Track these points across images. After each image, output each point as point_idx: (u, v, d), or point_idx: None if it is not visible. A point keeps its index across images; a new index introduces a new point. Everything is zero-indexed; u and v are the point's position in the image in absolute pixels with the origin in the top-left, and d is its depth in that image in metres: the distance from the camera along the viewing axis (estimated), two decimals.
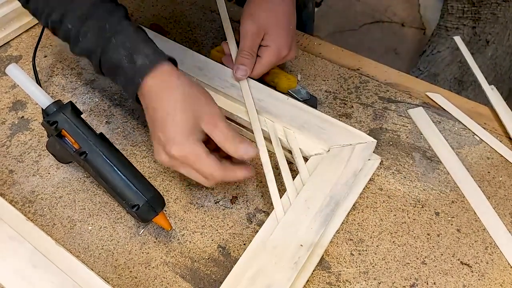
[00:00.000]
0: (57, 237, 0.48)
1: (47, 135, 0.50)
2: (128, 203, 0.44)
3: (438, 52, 1.47)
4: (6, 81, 0.63)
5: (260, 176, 0.53)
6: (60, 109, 0.45)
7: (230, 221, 0.50)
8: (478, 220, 0.50)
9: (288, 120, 0.54)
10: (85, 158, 0.45)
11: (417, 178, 0.54)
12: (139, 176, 0.46)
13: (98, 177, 0.45)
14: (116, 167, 0.45)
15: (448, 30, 1.49)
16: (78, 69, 0.65)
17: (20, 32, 0.69)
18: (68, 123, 0.45)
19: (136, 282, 0.45)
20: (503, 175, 0.54)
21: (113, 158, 0.45)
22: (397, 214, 0.50)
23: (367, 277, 0.46)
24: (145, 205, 0.44)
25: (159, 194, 0.46)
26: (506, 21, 1.39)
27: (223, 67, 0.60)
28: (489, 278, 0.46)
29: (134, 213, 0.44)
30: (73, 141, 0.46)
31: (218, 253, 0.47)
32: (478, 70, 0.64)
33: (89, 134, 0.45)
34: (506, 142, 0.57)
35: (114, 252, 0.47)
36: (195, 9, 0.75)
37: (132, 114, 0.59)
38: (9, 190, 0.52)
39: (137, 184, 0.45)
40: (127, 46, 0.45)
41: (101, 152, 0.45)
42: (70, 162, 0.53)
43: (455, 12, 1.48)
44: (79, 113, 0.47)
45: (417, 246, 0.48)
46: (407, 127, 0.59)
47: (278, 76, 0.61)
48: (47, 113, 0.46)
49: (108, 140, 0.47)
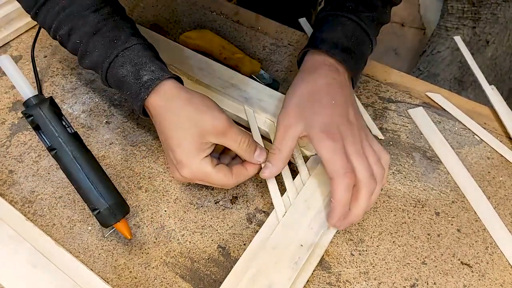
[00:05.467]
0: (57, 237, 0.48)
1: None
2: (90, 206, 0.45)
3: (438, 52, 1.47)
4: (6, 81, 0.63)
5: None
6: (38, 104, 0.46)
7: (230, 221, 0.50)
8: (478, 220, 0.50)
9: None
10: (54, 155, 0.45)
11: (417, 178, 0.54)
12: (105, 181, 0.46)
13: (67, 176, 0.46)
14: (83, 168, 0.45)
15: (448, 30, 1.49)
16: (78, 69, 0.65)
17: (20, 32, 0.69)
18: (42, 118, 0.45)
19: (136, 282, 0.45)
20: (503, 175, 0.54)
21: (81, 159, 0.45)
22: (397, 214, 0.50)
23: (367, 277, 0.46)
24: (106, 210, 0.44)
25: (123, 201, 0.47)
26: (506, 21, 1.39)
27: (224, 67, 0.60)
28: (490, 278, 0.46)
29: (95, 216, 0.45)
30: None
31: (218, 253, 0.47)
32: (478, 70, 0.64)
33: (61, 131, 0.45)
34: (506, 142, 0.57)
35: (114, 252, 0.47)
36: (195, 9, 0.75)
37: (132, 114, 0.59)
38: (9, 190, 0.52)
39: (101, 188, 0.45)
40: (134, 63, 0.45)
41: (69, 152, 0.45)
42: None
43: (455, 12, 1.48)
44: (57, 109, 0.47)
45: (417, 246, 0.48)
46: (407, 127, 0.59)
47: (242, 60, 0.63)
48: (27, 106, 0.46)
49: (81, 140, 0.47)
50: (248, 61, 0.63)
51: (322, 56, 0.50)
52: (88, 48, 0.47)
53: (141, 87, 0.44)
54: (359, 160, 0.43)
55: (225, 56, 0.64)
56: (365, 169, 0.43)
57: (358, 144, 0.44)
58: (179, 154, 0.44)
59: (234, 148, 0.46)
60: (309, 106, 0.46)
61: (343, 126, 0.45)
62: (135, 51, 0.46)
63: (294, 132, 0.46)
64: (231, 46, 0.66)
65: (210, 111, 0.44)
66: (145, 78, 0.45)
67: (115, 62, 0.46)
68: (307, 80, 0.49)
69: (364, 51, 0.53)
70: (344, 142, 0.44)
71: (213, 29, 0.71)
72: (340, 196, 0.42)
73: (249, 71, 0.62)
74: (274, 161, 0.47)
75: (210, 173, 0.44)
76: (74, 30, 0.47)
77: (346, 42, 0.50)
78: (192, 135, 0.43)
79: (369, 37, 0.52)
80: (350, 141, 0.44)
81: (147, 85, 0.44)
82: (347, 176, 0.42)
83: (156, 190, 0.52)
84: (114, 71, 0.46)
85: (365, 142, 0.45)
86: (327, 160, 0.43)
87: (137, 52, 0.46)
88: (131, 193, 0.52)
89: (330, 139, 0.43)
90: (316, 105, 0.46)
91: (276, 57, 0.67)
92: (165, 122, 0.44)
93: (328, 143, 0.43)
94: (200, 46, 0.66)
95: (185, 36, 0.67)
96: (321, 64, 0.49)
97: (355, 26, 0.51)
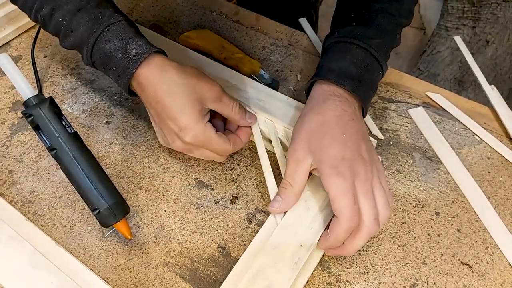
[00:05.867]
0: (57, 237, 0.48)
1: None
2: (90, 206, 0.45)
3: (438, 52, 1.47)
4: (6, 81, 0.63)
5: (260, 176, 0.53)
6: (38, 104, 0.46)
7: (230, 221, 0.50)
8: (478, 220, 0.50)
9: (288, 120, 0.54)
10: (54, 155, 0.45)
11: (417, 178, 0.54)
12: (105, 181, 0.46)
13: (67, 176, 0.46)
14: (83, 168, 0.45)
15: (448, 30, 1.49)
16: (78, 69, 0.65)
17: (20, 32, 0.69)
18: (42, 118, 0.45)
19: (136, 282, 0.45)
20: (503, 175, 0.54)
21: (82, 159, 0.45)
22: (397, 214, 0.50)
23: (367, 277, 0.46)
24: (106, 210, 0.44)
25: (123, 201, 0.47)
26: (506, 21, 1.39)
27: (224, 67, 0.60)
28: (490, 278, 0.46)
29: (95, 216, 0.45)
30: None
31: (218, 253, 0.47)
32: (478, 70, 0.64)
33: (62, 131, 0.45)
34: (506, 142, 0.57)
35: (114, 252, 0.47)
36: (195, 9, 0.75)
37: (132, 114, 0.59)
38: (9, 190, 0.52)
39: (101, 188, 0.45)
40: (120, 37, 0.46)
41: (70, 152, 0.45)
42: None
43: (455, 12, 1.48)
44: (57, 109, 0.47)
45: (417, 246, 0.48)
46: (407, 127, 0.59)
47: (242, 60, 0.63)
48: (27, 105, 0.46)
49: (81, 140, 0.47)
50: (248, 61, 0.63)
51: (330, 86, 0.48)
52: (72, 25, 0.47)
53: (129, 61, 0.45)
54: (366, 202, 0.41)
55: (225, 56, 0.64)
56: (371, 212, 0.41)
57: (368, 182, 0.42)
58: (184, 120, 0.44)
59: (227, 112, 0.49)
60: (318, 139, 0.44)
61: (355, 162, 0.42)
62: (121, 26, 0.46)
63: (305, 166, 0.44)
64: (231, 46, 0.66)
65: (205, 78, 0.47)
66: (133, 52, 0.45)
67: (101, 37, 0.46)
68: (316, 111, 0.46)
69: (374, 78, 0.51)
70: (354, 180, 0.42)
71: (213, 29, 0.71)
72: (338, 235, 0.41)
73: (249, 71, 0.62)
74: (284, 195, 0.45)
75: (214, 138, 0.46)
76: (57, 8, 0.47)
77: (355, 70, 0.48)
78: (193, 101, 0.45)
79: (379, 63, 0.51)
80: (361, 179, 0.42)
81: (135, 58, 0.45)
82: (352, 220, 0.40)
83: (156, 190, 0.52)
84: (100, 46, 0.46)
85: (376, 180, 0.43)
86: (334, 199, 0.41)
87: (123, 28, 0.46)
88: (131, 193, 0.52)
89: (340, 177, 0.41)
90: (326, 138, 0.44)
91: (276, 57, 0.67)
92: (162, 91, 0.45)
93: (337, 180, 0.41)
94: (200, 46, 0.66)
95: (185, 36, 0.67)
96: (331, 95, 0.47)
97: (364, 53, 0.49)
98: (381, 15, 0.52)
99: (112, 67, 0.46)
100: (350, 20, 0.53)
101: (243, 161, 0.55)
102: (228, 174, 0.53)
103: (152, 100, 0.46)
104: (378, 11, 0.52)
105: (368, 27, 0.51)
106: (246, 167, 0.54)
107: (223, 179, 0.53)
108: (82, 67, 0.65)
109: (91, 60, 0.48)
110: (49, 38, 0.69)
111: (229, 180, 0.53)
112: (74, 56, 0.66)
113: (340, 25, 0.54)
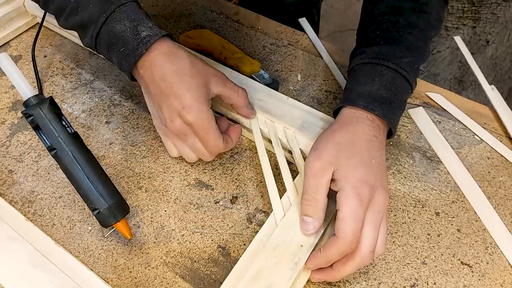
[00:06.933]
0: (57, 237, 0.48)
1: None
2: (90, 206, 0.45)
3: (438, 52, 1.47)
4: (6, 81, 0.63)
5: (260, 176, 0.53)
6: (38, 104, 0.46)
7: (230, 221, 0.50)
8: (478, 220, 0.50)
9: (288, 120, 0.54)
10: (54, 155, 0.45)
11: (417, 178, 0.54)
12: (105, 181, 0.46)
13: (67, 176, 0.46)
14: (83, 168, 0.45)
15: (448, 30, 1.49)
16: (78, 69, 0.65)
17: (20, 32, 0.69)
18: (42, 118, 0.45)
19: (136, 282, 0.45)
20: (503, 175, 0.54)
21: (82, 159, 0.45)
22: (397, 214, 0.50)
23: (367, 277, 0.46)
24: (106, 210, 0.44)
25: (123, 201, 0.47)
26: (506, 21, 1.39)
27: (224, 67, 0.60)
28: (490, 278, 0.46)
29: (95, 216, 0.45)
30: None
31: (218, 253, 0.47)
32: (478, 70, 0.64)
33: (62, 131, 0.45)
34: (506, 142, 0.57)
35: (114, 252, 0.47)
36: (195, 9, 0.75)
37: (132, 114, 0.59)
38: (9, 190, 0.52)
39: (101, 188, 0.45)
40: (131, 18, 0.46)
41: (70, 151, 0.45)
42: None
43: (455, 12, 1.47)
44: (57, 109, 0.47)
45: (417, 246, 0.48)
46: (407, 127, 0.59)
47: (242, 60, 0.63)
48: (27, 105, 0.46)
49: (81, 140, 0.47)
50: (248, 61, 0.63)
51: (360, 111, 0.47)
52: (80, 4, 0.46)
53: (139, 43, 0.45)
54: (371, 233, 0.40)
55: (225, 56, 0.64)
56: (371, 244, 0.40)
57: (380, 215, 0.41)
58: (189, 98, 0.45)
59: (233, 96, 0.49)
60: (347, 157, 0.43)
61: (376, 191, 0.42)
62: (131, 7, 0.46)
63: (328, 177, 0.43)
64: (231, 46, 0.66)
65: (211, 66, 0.48)
66: (143, 34, 0.45)
67: (112, 17, 0.45)
68: (348, 130, 0.45)
69: (403, 98, 0.50)
70: (369, 208, 0.41)
71: (213, 29, 0.71)
72: (331, 255, 0.41)
73: (249, 71, 0.62)
74: (314, 213, 0.43)
75: (212, 125, 0.46)
76: None
77: (385, 93, 0.47)
78: (199, 83, 0.46)
79: (410, 83, 0.49)
80: (375, 209, 0.41)
81: (145, 40, 0.45)
82: (351, 246, 0.40)
83: (156, 190, 0.52)
84: (110, 26, 0.45)
85: (385, 215, 0.43)
86: (343, 218, 0.40)
87: (133, 9, 0.46)
88: (131, 193, 0.52)
89: (357, 199, 0.40)
90: (355, 158, 0.43)
91: (276, 57, 0.67)
92: (170, 71, 0.45)
93: (353, 202, 0.40)
94: (200, 46, 0.66)
95: (185, 36, 0.67)
96: (361, 118, 0.46)
97: (394, 74, 0.48)
98: (408, 30, 0.50)
99: (119, 48, 0.46)
100: (376, 37, 0.51)
101: (243, 161, 0.55)
102: (228, 174, 0.53)
103: (157, 78, 0.45)
104: (405, 26, 0.50)
105: (396, 46, 0.50)
106: (246, 167, 0.54)
107: (223, 179, 0.53)
108: (82, 67, 0.65)
109: (95, 40, 0.47)
110: (49, 38, 0.69)
111: (229, 180, 0.53)
112: (74, 56, 0.66)
113: (367, 43, 0.52)
